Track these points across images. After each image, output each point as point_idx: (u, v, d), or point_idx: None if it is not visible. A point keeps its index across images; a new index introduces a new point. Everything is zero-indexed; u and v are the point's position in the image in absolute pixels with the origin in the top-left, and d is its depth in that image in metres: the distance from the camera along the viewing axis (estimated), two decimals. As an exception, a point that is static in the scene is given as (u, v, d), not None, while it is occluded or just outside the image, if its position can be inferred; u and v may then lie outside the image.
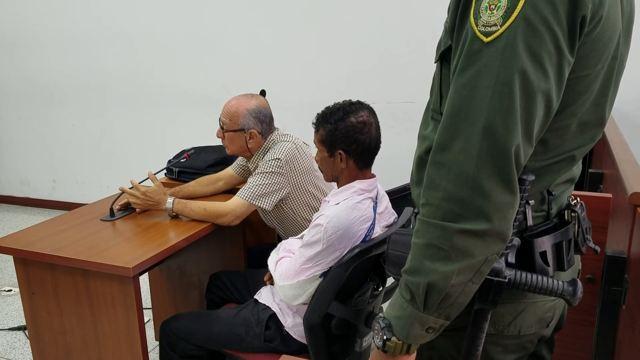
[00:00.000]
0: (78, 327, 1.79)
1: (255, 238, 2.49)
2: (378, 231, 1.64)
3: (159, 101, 3.97)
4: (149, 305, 2.61)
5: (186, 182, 2.37)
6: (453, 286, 0.78)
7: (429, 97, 0.99)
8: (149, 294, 2.55)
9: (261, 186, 1.96)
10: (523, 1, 0.73)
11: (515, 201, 0.77)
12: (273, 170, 1.96)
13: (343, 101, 1.65)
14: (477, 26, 0.76)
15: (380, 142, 1.64)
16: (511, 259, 0.86)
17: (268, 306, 1.75)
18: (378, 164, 1.70)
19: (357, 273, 1.61)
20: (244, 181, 2.27)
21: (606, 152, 1.86)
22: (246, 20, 3.57)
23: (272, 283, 1.79)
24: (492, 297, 0.84)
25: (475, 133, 0.75)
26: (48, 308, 1.82)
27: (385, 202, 1.73)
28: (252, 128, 2.04)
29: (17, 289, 3.02)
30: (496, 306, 0.86)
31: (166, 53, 3.84)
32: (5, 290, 3.12)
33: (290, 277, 1.60)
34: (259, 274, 2.01)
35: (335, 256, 1.55)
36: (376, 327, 0.86)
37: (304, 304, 1.63)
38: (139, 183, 2.03)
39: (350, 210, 1.56)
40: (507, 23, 0.73)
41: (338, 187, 1.67)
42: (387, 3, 3.21)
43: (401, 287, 0.84)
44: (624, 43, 0.88)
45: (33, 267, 1.80)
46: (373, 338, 0.88)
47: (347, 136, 1.58)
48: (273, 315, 1.73)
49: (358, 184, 1.62)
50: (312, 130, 1.67)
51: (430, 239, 0.79)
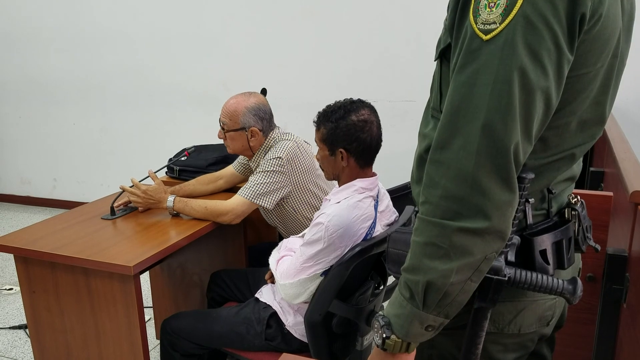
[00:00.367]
0: (79, 326, 1.80)
1: (256, 237, 2.49)
2: (379, 230, 1.64)
3: (160, 100, 3.97)
4: (150, 303, 2.62)
5: (187, 181, 2.37)
6: (452, 284, 0.78)
7: (429, 95, 0.99)
8: (150, 293, 2.55)
9: (262, 185, 1.95)
10: None
11: (514, 199, 0.77)
12: (274, 169, 1.96)
13: (344, 100, 1.65)
14: (477, 24, 0.76)
15: (381, 141, 1.64)
16: (511, 258, 0.85)
17: (269, 305, 1.75)
18: (379, 163, 1.70)
19: (358, 272, 1.61)
20: (245, 180, 2.27)
21: (607, 151, 1.86)
22: (246, 19, 3.56)
23: (273, 282, 1.80)
24: (492, 296, 0.84)
25: (474, 131, 0.75)
26: (49, 307, 1.82)
27: (386, 201, 1.73)
28: (253, 126, 2.04)
29: (18, 288, 3.03)
30: (496, 305, 0.85)
31: (166, 52, 3.84)
32: (6, 288, 3.12)
33: (291, 276, 1.60)
34: (260, 273, 2.01)
35: (336, 255, 1.55)
36: (376, 325, 0.86)
37: (305, 303, 1.63)
38: (140, 182, 2.03)
39: (351, 208, 1.56)
40: (506, 21, 0.73)
41: (339, 186, 1.67)
42: (388, 1, 3.21)
43: (400, 286, 0.85)
44: (625, 41, 0.87)
45: (34, 266, 1.80)
46: (373, 336, 0.88)
47: (348, 134, 1.58)
48: (274, 313, 1.73)
49: (359, 183, 1.62)
50: (313, 128, 1.66)
51: (429, 237, 0.79)
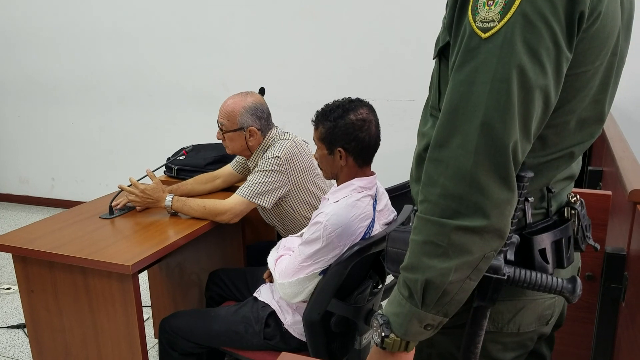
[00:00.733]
0: (77, 325, 1.79)
1: (254, 236, 2.49)
2: (377, 229, 1.64)
3: (159, 99, 3.97)
4: (149, 303, 2.61)
5: (185, 180, 2.37)
6: (451, 283, 0.78)
7: (428, 94, 0.98)
8: (148, 292, 2.54)
9: (261, 184, 1.95)
10: None
11: (513, 198, 0.77)
12: (273, 168, 1.96)
13: (342, 99, 1.65)
14: (475, 22, 0.76)
15: (379, 140, 1.64)
16: (510, 256, 0.85)
17: (267, 304, 1.75)
18: (377, 162, 1.70)
19: (357, 271, 1.61)
20: (243, 179, 2.27)
21: (606, 150, 1.86)
22: (246, 18, 3.56)
23: (272, 281, 1.79)
24: (491, 295, 0.84)
25: (472, 129, 0.75)
26: (47, 306, 1.82)
27: (384, 200, 1.73)
28: (251, 125, 2.03)
29: (16, 287, 3.02)
30: (495, 303, 0.85)
31: (166, 51, 3.83)
32: (4, 288, 3.11)
33: (289, 275, 1.60)
34: (259, 272, 2.00)
35: (334, 254, 1.55)
36: (374, 324, 0.86)
37: (304, 302, 1.63)
38: (138, 181, 2.03)
39: (349, 207, 1.56)
40: (505, 19, 0.73)
41: (337, 185, 1.66)
42: (387, 1, 3.21)
43: (399, 284, 0.84)
44: (624, 39, 0.87)
45: (32, 265, 1.79)
46: (372, 335, 0.88)
47: (347, 134, 1.58)
48: (272, 312, 1.73)
49: (357, 182, 1.62)
50: (312, 128, 1.66)
51: (428, 236, 0.79)
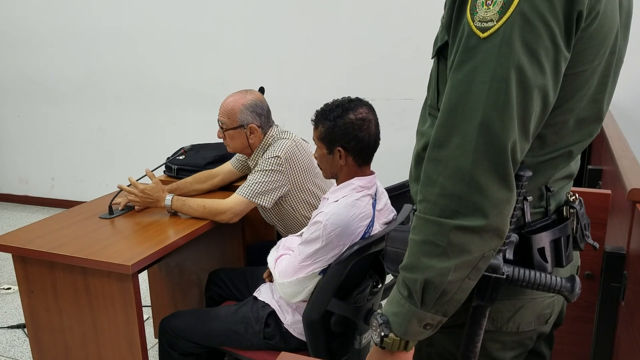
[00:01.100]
0: (77, 325, 1.79)
1: (254, 235, 2.49)
2: (377, 228, 1.64)
3: (158, 99, 3.97)
4: (148, 303, 2.61)
5: (184, 178, 2.36)
6: (450, 283, 0.78)
7: (427, 93, 0.98)
8: (148, 292, 2.55)
9: (261, 184, 1.95)
10: None
11: (512, 197, 0.77)
12: (273, 167, 1.96)
13: (342, 98, 1.65)
14: (474, 22, 0.76)
15: (379, 139, 1.64)
16: (509, 256, 0.85)
17: (267, 303, 1.75)
18: (377, 161, 1.70)
19: (356, 270, 1.61)
20: (243, 176, 2.26)
21: (605, 149, 1.86)
22: (245, 17, 3.56)
23: (272, 280, 1.79)
24: (490, 294, 0.84)
25: (471, 129, 0.75)
26: (47, 306, 1.82)
27: (384, 199, 1.73)
28: (251, 123, 2.03)
29: (16, 287, 3.02)
30: (494, 303, 0.85)
31: (165, 50, 3.83)
32: (4, 288, 3.11)
33: (289, 275, 1.60)
34: (258, 272, 2.00)
35: (334, 253, 1.55)
36: (374, 324, 0.86)
37: (304, 301, 1.63)
38: (137, 181, 2.03)
39: (349, 207, 1.56)
40: (504, 18, 0.73)
41: (337, 184, 1.66)
42: (386, 0, 3.20)
43: (399, 284, 0.84)
44: (622, 38, 0.87)
45: (32, 265, 1.79)
46: (371, 334, 0.88)
47: (346, 133, 1.58)
48: (272, 312, 1.73)
49: (357, 181, 1.62)
50: (311, 127, 1.66)
51: (427, 236, 0.79)
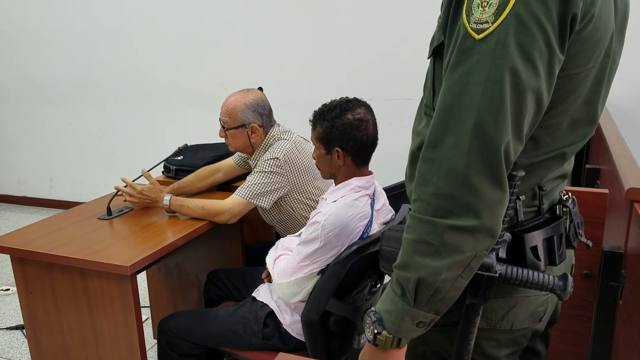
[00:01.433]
0: (76, 326, 1.79)
1: (253, 236, 2.49)
2: (376, 228, 1.64)
3: (157, 99, 3.97)
4: (147, 303, 2.61)
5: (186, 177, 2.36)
6: (443, 281, 0.79)
7: (423, 93, 0.99)
8: (147, 293, 2.54)
9: (260, 185, 1.95)
10: None
11: (504, 198, 0.78)
12: (272, 169, 1.96)
13: (340, 98, 1.65)
14: (469, 23, 0.76)
15: (377, 139, 1.64)
16: (502, 254, 0.86)
17: (266, 304, 1.75)
18: (375, 161, 1.70)
19: (355, 270, 1.61)
20: (244, 173, 2.26)
21: (603, 148, 1.86)
22: (244, 18, 3.56)
23: (270, 281, 1.79)
24: (483, 292, 0.85)
25: (465, 130, 0.75)
26: (46, 307, 1.82)
27: (382, 199, 1.73)
28: (253, 122, 2.04)
29: (15, 288, 3.02)
30: (487, 301, 0.86)
31: (164, 50, 3.83)
32: (2, 289, 3.11)
33: (288, 275, 1.60)
34: (257, 272, 2.00)
35: (332, 253, 1.55)
36: (367, 321, 0.87)
37: (302, 302, 1.63)
38: (133, 181, 2.03)
39: (347, 207, 1.56)
40: (499, 20, 0.73)
41: (335, 185, 1.66)
42: (385, 0, 3.21)
43: (392, 282, 0.85)
44: (617, 40, 0.88)
45: (30, 266, 1.79)
46: (364, 332, 0.89)
47: (344, 133, 1.58)
48: (271, 312, 1.74)
49: (355, 181, 1.62)
50: (310, 127, 1.66)
51: (420, 235, 0.80)
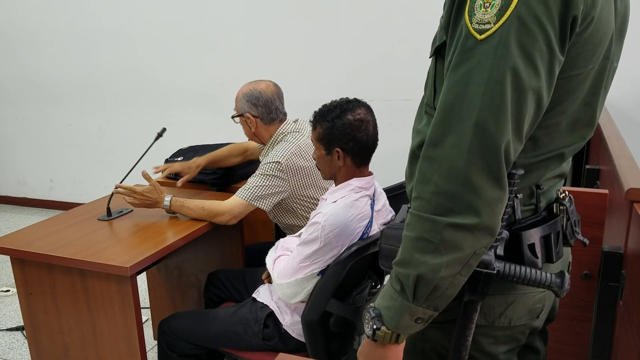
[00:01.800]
0: (76, 327, 1.79)
1: (253, 236, 2.49)
2: (376, 229, 1.64)
3: (157, 99, 3.96)
4: (147, 304, 2.61)
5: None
6: (442, 278, 0.80)
7: (424, 92, 0.99)
8: (147, 294, 2.54)
9: (261, 187, 1.96)
10: (517, 0, 0.73)
11: (504, 196, 0.79)
12: (273, 173, 1.96)
13: (340, 99, 1.65)
14: (472, 23, 0.77)
15: (377, 140, 1.64)
16: (500, 252, 0.87)
17: (266, 304, 1.75)
18: (375, 162, 1.70)
19: (355, 271, 1.61)
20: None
21: (603, 149, 1.86)
22: (244, 18, 3.56)
23: (270, 281, 1.79)
24: (482, 289, 0.86)
25: (466, 129, 0.76)
26: (46, 308, 1.82)
27: (382, 200, 1.73)
28: (247, 112, 2.07)
29: (15, 290, 3.02)
30: (485, 298, 0.87)
31: (164, 51, 3.83)
32: (2, 290, 3.11)
33: (288, 275, 1.60)
34: (257, 273, 2.00)
35: (332, 254, 1.55)
36: (366, 317, 0.88)
37: (302, 302, 1.63)
38: (122, 181, 2.05)
39: (347, 208, 1.56)
40: (501, 21, 0.74)
41: (335, 185, 1.67)
42: (385, 0, 3.21)
43: (392, 279, 0.86)
44: (617, 43, 0.89)
45: (30, 267, 1.79)
46: (363, 327, 0.89)
47: (345, 134, 1.58)
48: (271, 313, 1.73)
49: (355, 182, 1.62)
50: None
51: (420, 232, 0.81)
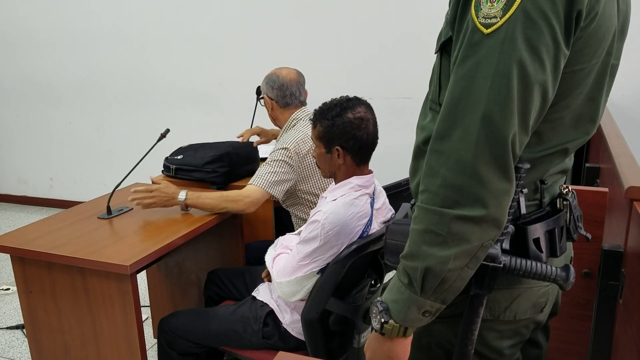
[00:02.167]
0: (76, 326, 1.79)
1: (253, 235, 2.49)
2: (375, 227, 1.64)
3: (156, 99, 3.96)
4: (147, 303, 2.61)
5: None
6: (450, 271, 0.80)
7: (428, 88, 1.00)
8: (147, 292, 2.54)
9: (272, 174, 2.00)
10: None
11: (511, 188, 0.79)
12: (281, 158, 2.02)
13: (340, 97, 1.65)
14: (478, 18, 0.78)
15: (377, 138, 1.64)
16: (506, 246, 0.88)
17: (266, 303, 1.75)
18: (375, 160, 1.70)
19: (355, 269, 1.61)
20: None
21: (603, 147, 1.86)
22: (243, 18, 3.56)
23: (270, 280, 1.79)
24: (488, 282, 0.87)
25: (473, 122, 0.77)
26: (46, 306, 1.82)
27: (382, 198, 1.73)
28: (266, 93, 2.19)
29: (15, 288, 3.02)
30: (491, 291, 0.88)
31: (163, 50, 3.83)
32: (2, 289, 3.11)
33: (287, 274, 1.60)
34: (257, 271, 2.01)
35: (332, 252, 1.55)
36: (374, 311, 0.88)
37: (302, 301, 1.63)
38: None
39: (347, 206, 1.56)
40: (507, 15, 0.75)
41: (335, 183, 1.67)
42: (384, -1, 3.21)
43: (399, 272, 0.86)
44: (619, 40, 0.90)
45: (30, 266, 1.79)
46: (371, 321, 0.89)
47: (345, 132, 1.58)
48: (271, 312, 1.74)
49: (355, 180, 1.62)
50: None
51: (428, 225, 0.81)
